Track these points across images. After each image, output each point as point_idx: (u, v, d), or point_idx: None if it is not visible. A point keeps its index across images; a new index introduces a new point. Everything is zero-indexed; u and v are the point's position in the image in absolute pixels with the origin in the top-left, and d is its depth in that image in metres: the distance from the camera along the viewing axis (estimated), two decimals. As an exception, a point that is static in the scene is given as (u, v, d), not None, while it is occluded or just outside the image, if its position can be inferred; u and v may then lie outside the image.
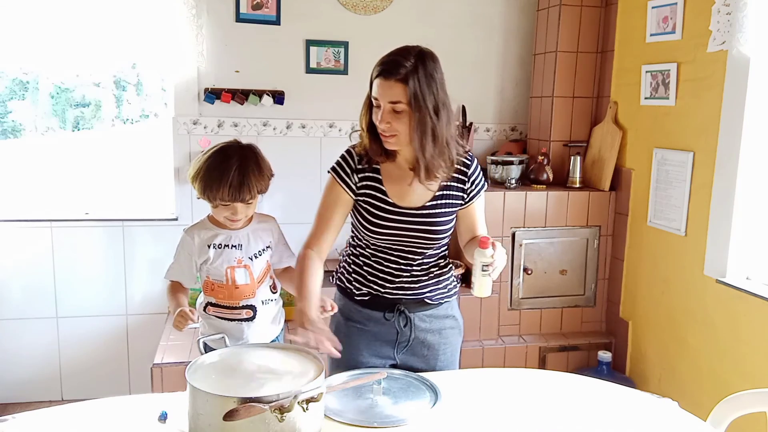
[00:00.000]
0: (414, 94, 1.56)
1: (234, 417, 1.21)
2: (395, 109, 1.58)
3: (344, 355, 1.86)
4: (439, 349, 1.84)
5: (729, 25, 2.46)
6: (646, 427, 1.52)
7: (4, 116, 3.41)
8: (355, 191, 1.74)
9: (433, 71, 1.59)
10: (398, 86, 1.56)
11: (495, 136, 3.68)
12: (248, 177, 1.85)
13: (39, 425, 1.44)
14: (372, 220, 1.72)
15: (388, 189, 1.72)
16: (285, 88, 3.35)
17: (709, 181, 2.67)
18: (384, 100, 1.59)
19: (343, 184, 1.74)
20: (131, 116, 3.58)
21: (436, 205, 1.72)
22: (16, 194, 3.35)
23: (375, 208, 1.72)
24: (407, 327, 1.79)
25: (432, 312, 1.82)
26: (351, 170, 1.74)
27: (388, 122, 1.60)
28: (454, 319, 1.87)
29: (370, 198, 1.73)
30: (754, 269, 2.56)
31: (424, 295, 1.79)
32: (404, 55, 1.58)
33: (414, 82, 1.55)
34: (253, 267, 1.96)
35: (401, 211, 1.71)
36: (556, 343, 3.26)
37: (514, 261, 3.21)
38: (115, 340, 3.38)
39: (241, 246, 1.95)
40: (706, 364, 2.72)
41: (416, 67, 1.56)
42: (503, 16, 3.58)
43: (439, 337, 1.83)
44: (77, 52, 3.30)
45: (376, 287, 1.79)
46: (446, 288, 1.84)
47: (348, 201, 1.75)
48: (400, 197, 1.72)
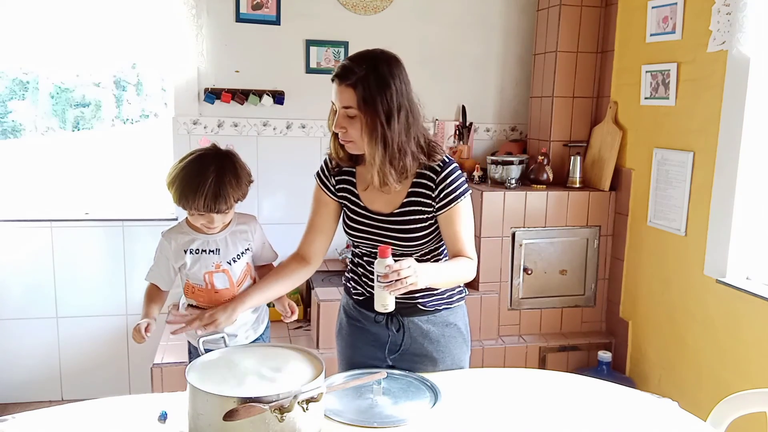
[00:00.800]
0: (363, 99, 1.55)
1: (234, 417, 1.21)
2: (348, 114, 1.59)
3: (345, 351, 1.88)
4: (438, 358, 1.79)
5: (729, 25, 2.46)
6: (646, 427, 1.52)
7: (4, 116, 3.41)
8: (335, 194, 1.78)
9: (387, 76, 1.56)
10: (348, 91, 1.56)
11: (495, 136, 3.68)
12: (225, 188, 1.79)
13: (39, 425, 1.44)
14: (348, 223, 1.76)
15: (361, 193, 1.74)
16: (285, 88, 3.35)
17: (709, 181, 2.67)
18: (338, 105, 1.60)
19: (323, 187, 1.80)
20: (131, 116, 3.58)
21: (404, 212, 1.69)
22: (16, 194, 3.35)
23: (350, 212, 1.75)
24: (400, 332, 1.78)
25: (429, 318, 1.77)
26: (329, 173, 1.78)
27: (342, 127, 1.60)
28: (456, 328, 1.81)
29: (347, 201, 1.77)
30: (754, 269, 2.56)
31: (416, 301, 1.75)
32: (358, 61, 1.58)
33: (363, 87, 1.55)
34: (232, 271, 1.92)
35: (372, 216, 1.72)
36: (556, 343, 3.26)
37: (514, 261, 3.22)
38: (115, 340, 3.38)
39: (218, 250, 1.92)
40: (706, 364, 2.72)
41: (367, 73, 1.55)
42: (503, 16, 3.58)
43: (437, 344, 1.78)
44: (77, 52, 3.31)
45: (367, 288, 1.79)
46: (445, 295, 1.79)
47: (331, 203, 1.79)
48: (371, 201, 1.72)
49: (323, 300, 2.96)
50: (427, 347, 1.78)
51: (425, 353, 1.78)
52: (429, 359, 1.79)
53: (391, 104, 1.56)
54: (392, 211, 1.70)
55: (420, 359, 1.78)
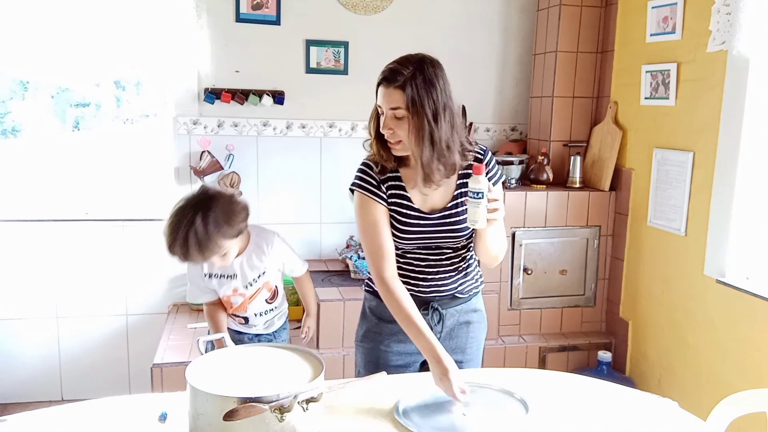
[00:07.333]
0: (412, 100, 1.60)
1: (234, 417, 1.21)
2: (396, 116, 1.63)
3: (374, 353, 1.86)
4: (466, 344, 1.87)
5: (729, 25, 2.46)
6: (646, 427, 1.52)
7: (4, 116, 3.41)
8: (387, 201, 1.76)
9: (433, 77, 1.63)
10: (397, 93, 1.61)
11: (495, 136, 3.68)
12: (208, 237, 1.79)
13: (38, 425, 1.44)
14: (401, 227, 1.75)
15: (411, 195, 1.75)
16: (285, 88, 3.35)
17: (709, 181, 2.67)
18: (386, 107, 1.64)
19: (376, 198, 1.74)
20: (131, 116, 3.58)
21: (456, 205, 1.75)
22: (16, 194, 3.35)
23: (402, 215, 1.75)
24: (440, 323, 1.82)
25: (462, 306, 1.85)
26: (377, 182, 1.75)
27: (390, 128, 1.64)
28: (480, 313, 1.91)
29: (398, 206, 1.75)
30: (754, 269, 2.56)
31: (456, 290, 1.82)
32: (404, 63, 1.64)
33: (411, 88, 1.60)
34: (248, 293, 2.05)
35: (425, 215, 1.74)
36: (556, 343, 3.26)
37: (515, 261, 3.22)
38: (115, 340, 3.38)
39: (236, 276, 2.01)
40: (706, 364, 2.72)
41: (414, 75, 1.61)
42: (503, 16, 3.58)
43: (466, 330, 1.87)
44: (78, 52, 3.30)
45: (408, 287, 1.79)
46: (474, 279, 1.87)
47: (386, 212, 1.76)
48: (422, 202, 1.75)
49: (323, 300, 2.96)
50: (457, 334, 1.86)
51: (456, 341, 1.85)
52: (459, 347, 1.86)
53: (437, 103, 1.63)
54: (444, 206, 1.75)
55: (450, 348, 1.79)
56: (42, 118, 3.47)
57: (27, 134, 3.46)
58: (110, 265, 3.32)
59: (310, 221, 3.47)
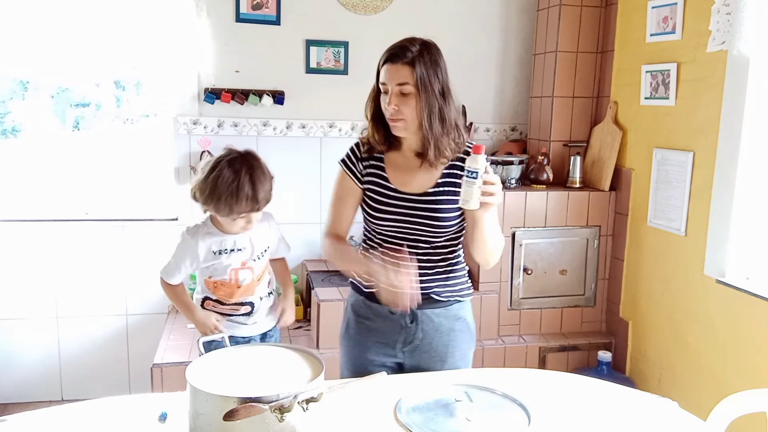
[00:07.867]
0: (420, 77, 1.63)
1: (234, 417, 1.21)
2: (402, 92, 1.64)
3: (353, 352, 1.86)
4: (447, 352, 1.81)
5: (729, 25, 2.46)
6: (646, 427, 1.52)
7: (4, 116, 3.40)
8: (361, 179, 1.79)
9: (437, 58, 1.67)
10: (405, 69, 1.63)
11: (495, 136, 3.68)
12: (259, 186, 1.89)
13: (38, 425, 1.44)
14: (375, 206, 1.76)
15: (391, 176, 1.76)
16: (285, 88, 3.35)
17: (709, 181, 2.67)
18: (392, 83, 1.65)
19: (350, 173, 1.80)
20: (131, 116, 3.58)
21: (439, 192, 1.73)
22: (16, 194, 3.35)
23: (378, 194, 1.75)
24: (414, 323, 1.78)
25: (441, 311, 1.80)
26: (357, 159, 1.80)
27: (395, 105, 1.65)
28: (465, 322, 1.84)
29: (373, 185, 1.77)
30: (754, 269, 2.56)
31: (431, 290, 1.77)
32: (410, 42, 1.67)
33: (420, 65, 1.63)
34: (256, 267, 2.01)
35: (403, 196, 1.73)
36: (556, 343, 3.26)
37: (514, 261, 3.21)
38: (115, 340, 3.38)
39: (245, 248, 2.00)
40: (706, 364, 2.72)
41: (422, 52, 1.65)
42: (503, 16, 3.58)
43: (447, 338, 1.80)
44: (78, 52, 3.30)
45: None
46: (457, 287, 1.82)
47: (356, 190, 1.80)
48: (402, 183, 1.74)
49: (323, 300, 2.96)
50: (437, 342, 1.80)
51: (435, 346, 1.80)
52: (438, 355, 1.81)
53: (442, 82, 1.66)
54: (425, 191, 1.73)
55: (429, 355, 1.80)
56: (42, 118, 3.46)
57: (27, 134, 3.46)
58: (110, 265, 3.32)
59: (310, 221, 3.47)
